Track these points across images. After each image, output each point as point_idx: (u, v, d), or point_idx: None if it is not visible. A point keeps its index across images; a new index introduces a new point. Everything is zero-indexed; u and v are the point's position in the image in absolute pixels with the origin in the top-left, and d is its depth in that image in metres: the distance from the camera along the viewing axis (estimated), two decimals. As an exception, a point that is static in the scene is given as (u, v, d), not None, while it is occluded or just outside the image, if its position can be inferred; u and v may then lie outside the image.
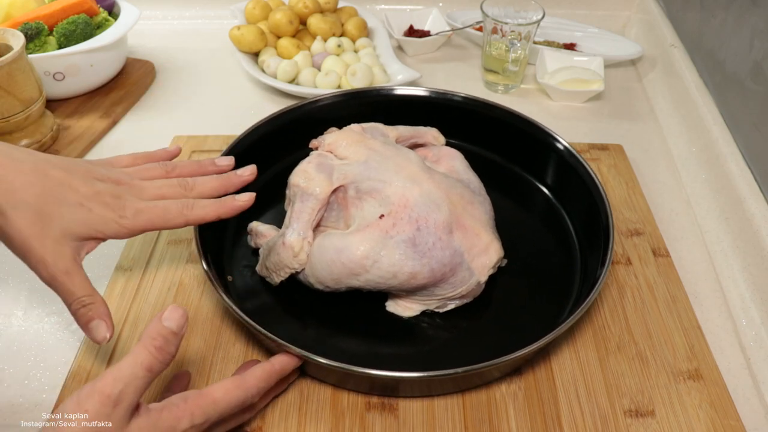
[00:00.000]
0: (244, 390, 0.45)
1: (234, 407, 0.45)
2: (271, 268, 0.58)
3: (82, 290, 0.47)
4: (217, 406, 0.43)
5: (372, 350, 0.57)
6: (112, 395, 0.38)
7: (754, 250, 0.62)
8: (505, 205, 0.68)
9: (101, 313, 0.47)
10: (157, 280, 0.63)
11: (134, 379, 0.39)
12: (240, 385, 0.45)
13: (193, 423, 0.42)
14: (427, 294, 0.57)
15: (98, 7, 0.89)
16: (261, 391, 0.47)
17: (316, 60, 0.91)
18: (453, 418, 0.52)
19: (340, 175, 0.58)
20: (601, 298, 0.62)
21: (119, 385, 0.38)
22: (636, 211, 0.71)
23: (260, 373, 0.47)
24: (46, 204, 0.46)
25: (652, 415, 0.52)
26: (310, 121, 0.72)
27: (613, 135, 0.85)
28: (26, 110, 0.73)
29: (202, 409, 0.43)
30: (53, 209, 0.46)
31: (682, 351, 0.57)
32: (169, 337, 0.41)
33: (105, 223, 0.48)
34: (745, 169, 0.68)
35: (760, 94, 0.69)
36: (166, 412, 0.41)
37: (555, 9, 1.09)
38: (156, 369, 0.41)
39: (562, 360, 0.56)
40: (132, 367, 0.39)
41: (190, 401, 0.42)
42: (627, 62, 1.00)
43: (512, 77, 0.92)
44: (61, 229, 0.46)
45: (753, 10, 0.72)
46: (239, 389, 0.45)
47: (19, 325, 0.60)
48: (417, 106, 0.76)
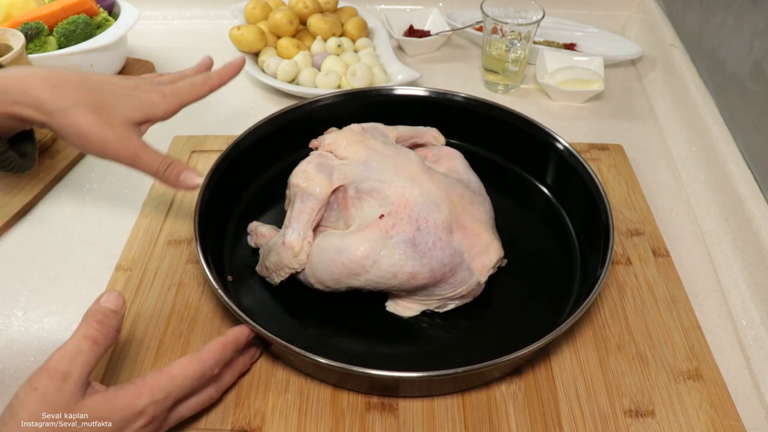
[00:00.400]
0: (200, 362, 0.47)
1: (193, 380, 0.46)
2: (271, 268, 0.58)
3: (160, 157, 0.54)
4: (175, 380, 0.45)
5: (372, 350, 0.57)
6: (59, 369, 0.40)
7: (754, 250, 0.62)
8: (505, 205, 0.68)
9: (183, 166, 0.55)
10: (157, 280, 0.63)
11: (79, 352, 0.41)
12: (197, 358, 0.47)
13: (153, 399, 0.43)
14: (427, 294, 0.57)
15: (98, 7, 0.89)
16: (218, 362, 0.49)
17: (316, 60, 0.91)
18: (453, 418, 0.52)
19: (340, 175, 0.58)
20: (601, 298, 0.62)
21: (65, 359, 0.40)
22: (636, 211, 0.71)
23: (215, 345, 0.49)
24: (101, 99, 0.52)
25: (652, 415, 0.52)
26: (310, 121, 0.72)
27: (613, 135, 0.85)
28: (26, 110, 0.73)
29: (161, 384, 0.44)
30: (108, 101, 0.52)
31: (682, 351, 0.57)
32: (108, 313, 0.44)
33: (154, 104, 0.55)
34: (745, 169, 0.68)
35: (760, 94, 0.69)
36: (123, 390, 0.43)
37: (555, 9, 1.09)
38: (101, 341, 0.42)
39: (562, 360, 0.56)
40: (76, 341, 0.42)
41: (148, 378, 0.44)
42: (627, 62, 1.00)
43: (512, 77, 0.92)
44: (122, 116, 0.52)
45: (753, 10, 0.72)
46: (196, 362, 0.47)
47: (19, 325, 0.60)
48: (417, 106, 0.76)
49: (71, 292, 0.63)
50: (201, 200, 0.61)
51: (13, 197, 0.72)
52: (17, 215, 0.70)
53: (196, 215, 0.60)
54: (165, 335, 0.58)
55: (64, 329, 0.60)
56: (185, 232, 0.68)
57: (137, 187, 0.74)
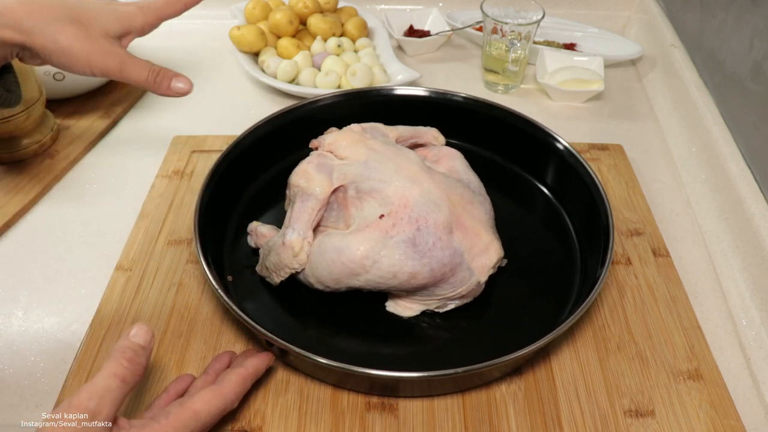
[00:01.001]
0: (223, 397, 0.46)
1: (215, 416, 0.46)
2: (271, 268, 0.58)
3: (147, 65, 0.53)
4: (198, 416, 0.44)
5: (372, 350, 0.57)
6: (89, 408, 0.39)
7: (754, 250, 0.62)
8: (505, 205, 0.68)
9: (172, 73, 0.54)
10: (157, 280, 0.63)
11: (109, 391, 0.40)
12: (218, 393, 0.46)
13: None
14: (427, 294, 0.57)
15: (98, 7, 0.89)
16: (239, 396, 0.48)
17: (316, 60, 0.91)
18: (453, 418, 0.52)
19: (340, 175, 0.58)
20: (601, 298, 0.62)
21: (95, 399, 0.39)
22: (636, 211, 0.71)
23: (236, 379, 0.48)
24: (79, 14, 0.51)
25: (652, 415, 0.52)
26: (310, 121, 0.72)
27: (613, 135, 0.85)
28: (26, 110, 0.73)
29: (184, 422, 0.43)
30: (86, 15, 0.51)
31: (682, 351, 0.57)
32: (137, 350, 0.43)
33: (132, 15, 0.54)
34: (745, 169, 0.68)
35: (760, 94, 0.69)
36: (147, 429, 0.42)
37: (555, 9, 1.09)
38: (129, 380, 0.42)
39: (562, 360, 0.56)
40: (105, 380, 0.40)
41: (172, 416, 0.43)
42: (627, 62, 1.00)
43: (512, 77, 0.92)
44: (102, 29, 0.51)
45: (753, 10, 0.72)
46: (218, 398, 0.46)
47: (19, 325, 0.60)
48: (417, 106, 0.76)
49: (71, 292, 0.63)
50: (201, 200, 0.62)
51: (13, 197, 0.72)
52: (17, 215, 0.70)
53: (196, 215, 0.60)
54: (165, 335, 0.58)
55: (64, 329, 0.60)
56: (185, 232, 0.68)
57: (137, 187, 0.74)
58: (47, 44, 0.50)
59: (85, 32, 0.50)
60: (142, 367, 0.43)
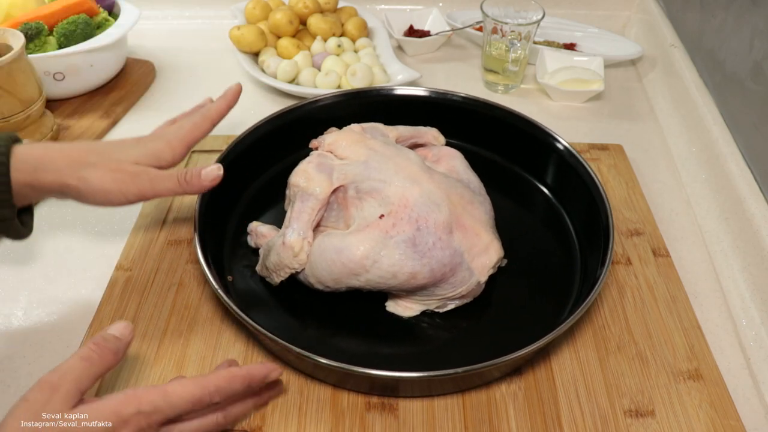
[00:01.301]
0: (200, 387, 0.45)
1: (188, 402, 0.44)
2: (271, 268, 0.58)
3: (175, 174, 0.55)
4: (167, 397, 0.44)
5: (372, 350, 0.57)
6: (50, 382, 0.42)
7: (754, 250, 0.62)
8: (505, 205, 0.68)
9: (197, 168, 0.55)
10: (157, 280, 0.63)
11: (71, 369, 0.43)
12: (198, 382, 0.45)
13: (139, 409, 0.42)
14: (427, 294, 0.57)
15: (98, 7, 0.89)
16: (220, 391, 0.46)
17: (316, 60, 0.91)
18: (453, 418, 0.52)
19: (340, 175, 0.58)
20: (601, 298, 0.62)
21: (57, 374, 0.42)
22: (636, 211, 0.71)
23: (224, 374, 0.47)
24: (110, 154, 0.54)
25: (652, 415, 0.52)
26: (310, 121, 0.72)
27: (613, 135, 0.85)
28: (26, 110, 0.73)
29: (150, 397, 0.43)
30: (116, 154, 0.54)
31: (682, 351, 0.57)
32: (108, 337, 0.45)
33: (160, 151, 0.56)
34: (745, 169, 0.68)
35: (760, 94, 0.69)
36: (110, 399, 0.43)
37: (555, 9, 1.09)
38: (95, 361, 0.43)
39: (562, 360, 0.56)
40: (71, 360, 0.43)
41: (140, 390, 0.44)
42: (627, 62, 1.00)
43: (512, 77, 0.92)
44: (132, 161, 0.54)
45: (753, 10, 0.72)
46: (195, 386, 0.45)
47: (19, 325, 0.60)
48: (417, 106, 0.76)
49: (71, 292, 0.63)
50: (201, 200, 0.62)
51: (13, 197, 0.72)
52: (17, 215, 0.70)
53: (196, 215, 0.60)
54: (165, 335, 0.58)
55: (64, 329, 0.60)
56: (185, 232, 0.68)
57: (137, 187, 0.74)
58: (81, 187, 0.52)
59: (115, 168, 0.53)
60: (110, 352, 0.44)
